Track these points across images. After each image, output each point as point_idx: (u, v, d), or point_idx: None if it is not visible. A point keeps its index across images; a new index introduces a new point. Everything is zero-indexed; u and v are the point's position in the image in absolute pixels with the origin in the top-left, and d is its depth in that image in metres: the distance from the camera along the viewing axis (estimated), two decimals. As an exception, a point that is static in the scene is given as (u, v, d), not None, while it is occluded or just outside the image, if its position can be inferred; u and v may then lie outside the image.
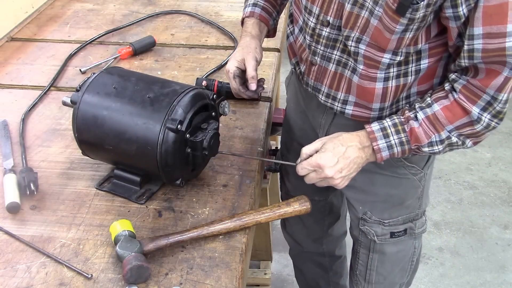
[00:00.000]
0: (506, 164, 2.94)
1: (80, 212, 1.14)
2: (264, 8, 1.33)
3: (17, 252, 1.05)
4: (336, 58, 1.16)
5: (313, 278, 1.87)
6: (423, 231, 1.40)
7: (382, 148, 1.11)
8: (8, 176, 1.19)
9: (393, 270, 1.43)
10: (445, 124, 1.06)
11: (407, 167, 1.26)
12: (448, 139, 1.08)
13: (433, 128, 1.07)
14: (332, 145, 1.11)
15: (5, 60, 1.72)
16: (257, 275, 2.15)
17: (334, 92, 1.20)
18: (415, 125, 1.08)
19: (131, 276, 0.96)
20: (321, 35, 1.15)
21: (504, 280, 2.28)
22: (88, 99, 1.13)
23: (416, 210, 1.35)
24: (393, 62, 1.08)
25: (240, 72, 1.27)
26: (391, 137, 1.10)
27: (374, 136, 1.11)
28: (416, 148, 1.10)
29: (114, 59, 1.69)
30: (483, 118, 1.03)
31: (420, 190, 1.32)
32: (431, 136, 1.08)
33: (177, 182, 1.15)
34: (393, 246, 1.38)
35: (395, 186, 1.29)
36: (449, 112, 1.05)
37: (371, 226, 1.36)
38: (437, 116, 1.06)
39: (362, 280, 1.48)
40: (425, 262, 2.36)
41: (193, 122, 1.11)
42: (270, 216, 1.11)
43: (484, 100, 1.02)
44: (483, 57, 0.98)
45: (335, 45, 1.14)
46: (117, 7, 2.08)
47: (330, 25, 1.12)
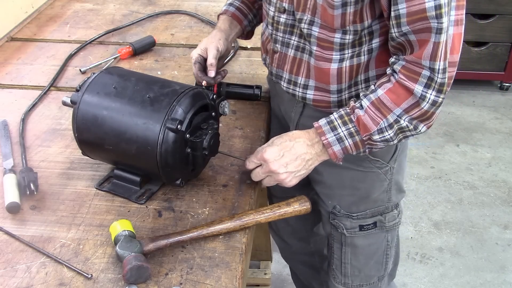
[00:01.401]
0: (506, 164, 2.94)
1: (80, 212, 1.14)
2: (239, 8, 1.40)
3: (17, 252, 1.05)
4: (295, 44, 1.20)
5: (306, 278, 1.88)
6: (395, 225, 1.40)
7: (332, 142, 1.11)
8: (8, 176, 1.19)
9: (367, 263, 1.44)
10: (391, 107, 1.06)
11: (372, 161, 1.28)
12: (397, 123, 1.07)
13: (380, 113, 1.07)
14: (280, 140, 1.13)
15: (5, 60, 1.72)
16: (257, 275, 2.15)
17: (295, 77, 1.23)
18: (361, 113, 1.08)
19: (131, 276, 0.96)
20: (279, 22, 1.20)
21: (504, 280, 2.28)
22: (88, 99, 1.13)
23: (385, 203, 1.35)
24: (344, 42, 1.11)
25: (201, 59, 1.33)
26: (339, 129, 1.10)
27: (321, 131, 1.11)
28: (368, 139, 1.10)
29: (114, 59, 1.69)
30: (428, 95, 1.03)
31: (386, 184, 1.32)
32: (379, 122, 1.07)
33: (177, 182, 1.15)
34: (364, 239, 1.39)
35: (360, 179, 1.31)
36: (392, 94, 1.05)
37: (340, 220, 1.37)
38: (381, 100, 1.06)
39: (339, 274, 1.49)
40: (425, 262, 2.36)
41: (193, 122, 1.11)
42: (270, 216, 1.11)
43: (424, 76, 1.02)
44: (408, 23, 0.99)
45: (292, 31, 1.19)
46: (117, 7, 2.08)
47: (286, 11, 1.17)
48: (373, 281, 1.49)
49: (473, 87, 3.59)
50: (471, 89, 3.59)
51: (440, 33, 0.98)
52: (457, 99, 3.50)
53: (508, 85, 3.54)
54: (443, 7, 0.96)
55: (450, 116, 3.33)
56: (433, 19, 0.97)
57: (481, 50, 3.39)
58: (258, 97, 1.50)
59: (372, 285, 1.50)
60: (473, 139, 3.13)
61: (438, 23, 0.97)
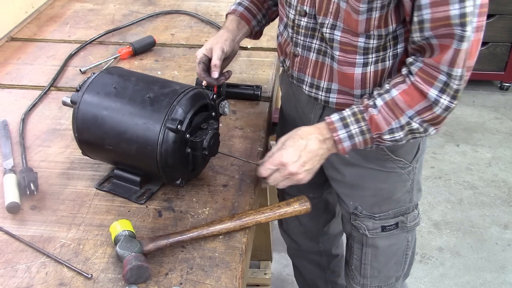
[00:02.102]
0: (506, 164, 2.94)
1: (80, 212, 1.14)
2: (248, 8, 1.37)
3: (17, 252, 1.05)
4: (316, 47, 1.18)
5: (311, 277, 1.87)
6: (415, 225, 1.40)
7: (343, 139, 1.10)
8: (8, 176, 1.19)
9: (387, 263, 1.44)
10: (404, 109, 1.06)
11: (395, 161, 1.27)
12: (409, 125, 1.07)
13: (393, 114, 1.07)
14: (293, 141, 1.11)
15: (5, 60, 1.72)
16: (257, 275, 2.15)
17: (317, 81, 1.22)
18: (374, 112, 1.08)
19: (131, 276, 0.96)
20: (300, 26, 1.18)
21: (504, 280, 2.28)
22: (88, 99, 1.13)
23: (407, 204, 1.35)
24: (368, 46, 1.10)
25: (206, 59, 1.31)
26: (351, 126, 1.10)
27: (334, 127, 1.11)
28: (378, 137, 1.10)
29: (114, 59, 1.69)
30: (442, 100, 1.03)
31: (409, 184, 1.32)
32: (391, 123, 1.07)
33: (177, 182, 1.15)
34: (386, 239, 1.39)
35: (383, 180, 1.30)
36: (407, 96, 1.05)
37: (362, 221, 1.36)
38: (395, 101, 1.06)
39: (358, 275, 1.48)
40: (425, 262, 2.36)
41: (193, 122, 1.11)
42: (270, 216, 1.11)
43: (440, 81, 1.02)
44: (432, 28, 0.99)
45: (314, 34, 1.17)
46: (117, 7, 2.08)
47: (307, 14, 1.15)
48: (391, 281, 1.48)
49: (473, 87, 3.59)
50: (471, 89, 3.58)
51: (463, 40, 0.97)
52: (457, 99, 3.50)
53: (508, 85, 3.53)
54: (468, 16, 0.95)
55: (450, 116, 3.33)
56: (457, 26, 0.96)
57: (481, 50, 3.38)
58: (258, 97, 1.50)
59: (389, 285, 1.49)
60: (473, 139, 3.13)
61: (462, 31, 0.96)
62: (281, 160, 1.10)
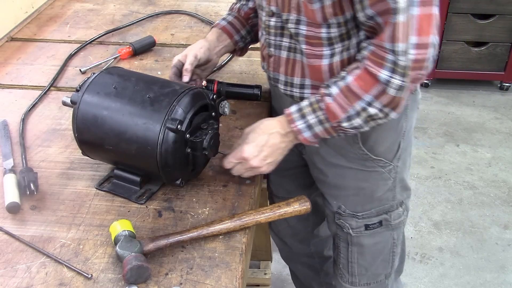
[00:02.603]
0: (506, 164, 2.94)
1: (80, 212, 1.14)
2: (231, 23, 1.40)
3: (17, 252, 1.05)
4: (287, 45, 1.20)
5: (306, 279, 1.87)
6: (400, 223, 1.40)
7: (302, 129, 1.12)
8: (8, 176, 1.19)
9: (374, 261, 1.44)
10: (360, 94, 1.05)
11: (375, 160, 1.27)
12: (365, 111, 1.06)
13: (348, 100, 1.07)
14: (254, 135, 1.15)
15: (5, 60, 1.72)
16: (257, 275, 2.15)
17: (290, 78, 1.23)
18: (330, 100, 1.08)
19: (131, 276, 0.96)
20: (270, 26, 1.21)
21: (504, 280, 2.28)
22: (88, 99, 1.13)
23: (389, 202, 1.35)
24: (331, 36, 1.11)
25: (180, 64, 1.34)
26: (308, 116, 1.11)
27: (291, 118, 1.13)
28: (338, 126, 1.10)
29: (114, 59, 1.70)
30: (393, 80, 1.02)
31: (390, 182, 1.32)
32: (348, 110, 1.07)
33: (177, 182, 1.15)
34: (370, 238, 1.39)
35: (364, 179, 1.31)
36: (361, 81, 1.05)
37: (345, 220, 1.37)
38: (350, 87, 1.06)
39: (346, 273, 1.49)
40: (425, 262, 2.36)
41: (193, 122, 1.11)
42: (270, 216, 1.11)
43: (388, 60, 1.01)
44: (370, 5, 1.00)
45: (283, 33, 1.19)
46: (117, 7, 2.08)
47: (274, 14, 1.17)
48: (380, 279, 1.49)
49: (473, 87, 3.59)
50: (471, 89, 3.59)
51: (397, 13, 0.97)
52: (457, 99, 3.50)
53: (508, 85, 3.53)
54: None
55: (450, 116, 3.33)
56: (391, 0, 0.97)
57: (481, 50, 3.39)
58: (258, 97, 1.50)
59: (379, 283, 1.50)
60: (473, 139, 3.13)
61: (393, 3, 0.97)
62: (242, 155, 1.14)
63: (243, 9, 1.42)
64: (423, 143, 3.09)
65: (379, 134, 1.24)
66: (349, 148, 1.26)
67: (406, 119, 1.27)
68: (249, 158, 1.14)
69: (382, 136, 1.25)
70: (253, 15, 1.41)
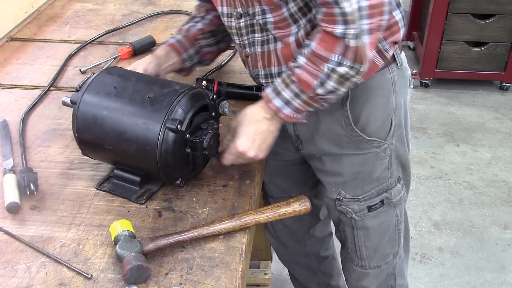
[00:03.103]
0: (506, 164, 2.94)
1: (80, 212, 1.14)
2: (180, 41, 1.41)
3: (17, 252, 1.05)
4: (259, 40, 1.22)
5: (304, 280, 1.87)
6: (401, 199, 1.40)
7: (280, 106, 1.13)
8: (8, 176, 1.19)
9: (381, 242, 1.44)
10: (326, 56, 1.06)
11: (369, 141, 1.28)
12: (334, 72, 1.06)
13: (316, 66, 1.07)
14: (243, 128, 1.16)
15: (5, 60, 1.72)
16: (257, 275, 2.15)
17: (269, 69, 1.25)
18: (299, 71, 1.09)
19: (131, 276, 0.96)
20: (241, 28, 1.23)
21: (504, 280, 2.28)
22: (88, 99, 1.13)
23: (388, 179, 1.35)
24: (292, 12, 1.13)
25: None
26: (283, 92, 1.12)
27: (268, 98, 1.14)
28: (314, 95, 1.10)
29: (114, 59, 1.70)
30: (348, 31, 1.02)
31: (387, 161, 1.32)
32: (318, 75, 1.08)
33: (177, 182, 1.15)
34: (374, 219, 1.39)
35: (361, 163, 1.31)
36: (323, 43, 1.05)
37: (347, 205, 1.38)
38: (315, 52, 1.07)
39: (355, 257, 1.49)
40: (425, 262, 2.36)
41: (193, 122, 1.11)
42: (270, 216, 1.11)
43: (336, 14, 1.01)
44: None
45: (254, 29, 1.21)
46: (117, 7, 2.08)
47: (241, 15, 1.20)
48: (389, 259, 1.49)
49: (473, 87, 3.59)
50: (471, 89, 3.59)
51: None
52: (457, 99, 3.50)
53: (508, 85, 3.53)
54: None
55: (450, 116, 3.33)
56: None
57: (481, 50, 3.39)
58: (258, 97, 1.50)
59: (388, 264, 1.50)
60: (473, 139, 3.13)
61: None
62: (238, 151, 1.16)
63: (191, 30, 1.42)
64: (423, 143, 3.09)
65: (370, 112, 1.25)
66: (342, 133, 1.27)
67: (395, 94, 1.27)
68: (245, 151, 1.15)
69: (372, 115, 1.25)
70: (201, 37, 1.43)
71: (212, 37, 1.44)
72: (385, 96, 1.26)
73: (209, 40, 1.44)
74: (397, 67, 1.26)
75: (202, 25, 1.43)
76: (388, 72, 1.25)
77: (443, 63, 3.45)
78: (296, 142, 1.39)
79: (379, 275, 1.52)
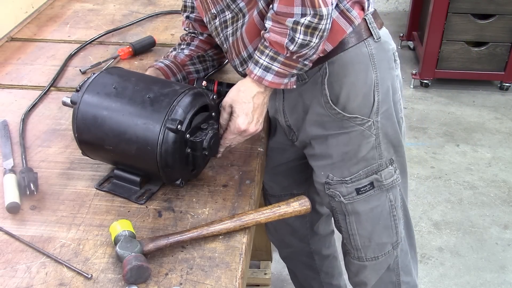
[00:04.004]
0: (506, 164, 2.94)
1: (80, 212, 1.14)
2: (168, 66, 1.42)
3: (17, 252, 1.05)
4: (230, 32, 1.26)
5: (306, 279, 1.87)
6: (394, 182, 1.37)
7: (261, 74, 1.15)
8: (8, 176, 1.19)
9: (374, 229, 1.41)
10: (288, 11, 1.08)
11: (350, 119, 1.27)
12: (298, 24, 1.08)
13: (281, 24, 1.10)
14: (240, 106, 1.18)
15: (5, 60, 1.72)
16: (257, 275, 2.15)
17: (241, 56, 1.28)
18: (268, 35, 1.12)
19: (131, 276, 0.96)
20: (217, 27, 1.28)
21: (504, 280, 2.28)
22: (88, 99, 1.13)
23: (377, 160, 1.33)
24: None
25: None
26: (260, 59, 1.14)
27: (249, 70, 1.17)
28: (290, 54, 1.12)
29: (114, 59, 1.70)
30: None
31: (373, 140, 1.30)
32: (286, 32, 1.10)
33: (177, 182, 1.15)
34: (365, 203, 1.37)
35: (346, 142, 1.30)
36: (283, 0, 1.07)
37: (335, 188, 1.36)
38: (277, 11, 1.09)
39: (351, 248, 1.47)
40: (425, 262, 2.37)
41: (193, 122, 1.11)
42: (270, 216, 1.11)
43: None
44: None
45: (226, 25, 1.25)
46: (117, 7, 2.08)
47: (216, 15, 1.25)
48: (387, 249, 1.45)
49: (473, 87, 3.59)
50: (471, 89, 3.59)
51: None
52: (457, 99, 3.50)
53: (508, 85, 3.53)
54: None
55: (450, 116, 3.33)
56: None
57: (481, 50, 3.39)
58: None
59: (387, 255, 1.46)
60: (473, 139, 3.13)
61: None
62: (240, 129, 1.18)
63: (179, 56, 1.45)
64: (423, 143, 3.09)
65: (349, 89, 1.24)
66: (324, 112, 1.27)
67: (375, 69, 1.25)
68: (247, 129, 1.18)
69: (352, 91, 1.25)
70: (189, 62, 1.45)
71: (200, 63, 1.48)
72: (363, 71, 1.24)
73: (197, 66, 1.47)
74: (374, 41, 1.25)
75: (189, 51, 1.46)
76: (364, 46, 1.24)
77: (443, 63, 3.45)
78: (290, 134, 1.39)
79: (378, 267, 1.47)
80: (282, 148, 1.48)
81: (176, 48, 1.49)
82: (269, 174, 1.58)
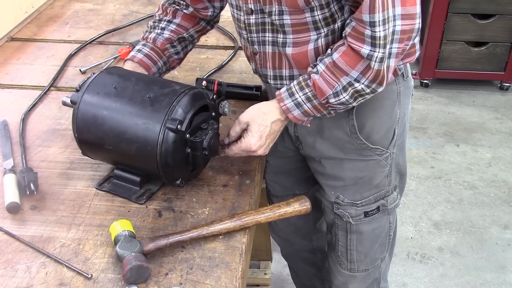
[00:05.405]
0: (506, 164, 2.94)
1: (80, 212, 1.14)
2: (148, 55, 1.34)
3: (17, 252, 1.05)
4: (270, 40, 1.21)
5: (308, 277, 1.87)
6: (396, 206, 1.42)
7: (291, 107, 1.15)
8: (8, 176, 1.19)
9: (372, 247, 1.46)
10: (346, 70, 1.07)
11: (372, 149, 1.29)
12: (352, 86, 1.08)
13: (334, 76, 1.09)
14: (257, 127, 1.17)
15: (5, 60, 1.72)
16: (257, 275, 2.15)
17: (279, 71, 1.25)
18: (316, 77, 1.11)
19: (131, 276, 0.96)
20: (250, 24, 1.21)
21: (504, 280, 2.28)
22: (88, 99, 1.13)
23: (386, 187, 1.37)
24: (316, 19, 1.12)
25: None
26: (297, 94, 1.14)
27: (281, 97, 1.16)
28: (326, 102, 1.12)
29: (114, 59, 1.70)
30: (375, 53, 1.03)
31: (387, 169, 1.34)
32: (334, 86, 1.09)
33: (177, 182, 1.15)
34: (369, 224, 1.41)
35: (362, 168, 1.32)
36: (346, 57, 1.07)
37: (345, 209, 1.38)
38: (336, 64, 1.08)
39: (345, 260, 1.50)
40: (425, 262, 2.36)
41: (193, 122, 1.11)
42: (270, 216, 1.11)
43: (367, 35, 1.02)
44: None
45: (265, 28, 1.20)
46: (117, 7, 2.08)
47: (253, 11, 1.18)
48: (377, 263, 1.51)
49: (473, 87, 3.59)
50: (471, 89, 3.58)
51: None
52: (457, 99, 3.50)
53: (508, 85, 3.53)
54: None
55: (450, 116, 3.33)
56: None
57: (481, 50, 3.39)
58: (258, 97, 1.50)
59: (376, 268, 1.52)
60: (473, 139, 3.13)
61: None
62: (250, 149, 1.18)
63: (158, 39, 1.35)
64: (423, 143, 3.09)
65: (375, 122, 1.26)
66: (347, 139, 1.28)
67: (400, 105, 1.28)
68: (256, 150, 1.18)
69: (377, 124, 1.27)
70: (169, 46, 1.37)
71: (180, 43, 1.39)
72: (390, 107, 1.26)
73: (177, 47, 1.39)
74: (403, 79, 1.27)
75: (170, 33, 1.36)
76: (395, 84, 1.26)
77: (443, 63, 3.45)
78: (296, 143, 1.39)
79: (366, 278, 1.53)
80: (286, 150, 1.48)
81: (156, 27, 1.37)
82: (271, 175, 1.58)
